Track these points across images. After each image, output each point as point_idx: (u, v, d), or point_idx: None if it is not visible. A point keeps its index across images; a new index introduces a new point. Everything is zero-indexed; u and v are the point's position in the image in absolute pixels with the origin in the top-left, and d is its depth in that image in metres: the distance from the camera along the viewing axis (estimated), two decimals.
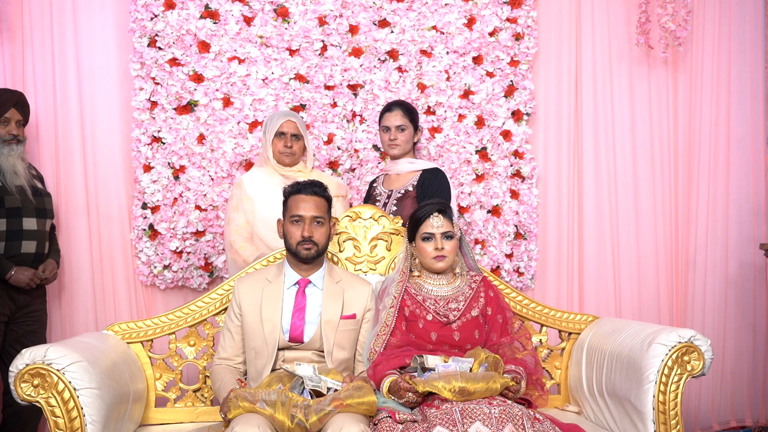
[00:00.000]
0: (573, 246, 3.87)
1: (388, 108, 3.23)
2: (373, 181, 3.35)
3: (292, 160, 3.17)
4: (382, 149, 3.52)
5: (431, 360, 2.36)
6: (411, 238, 2.66)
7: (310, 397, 2.25)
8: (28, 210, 3.11)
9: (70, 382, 2.18)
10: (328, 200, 2.63)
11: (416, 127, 3.24)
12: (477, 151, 3.73)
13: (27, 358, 2.20)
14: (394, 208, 3.14)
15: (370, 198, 3.29)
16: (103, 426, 2.22)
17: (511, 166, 3.76)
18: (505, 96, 3.76)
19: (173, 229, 3.53)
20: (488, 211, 3.74)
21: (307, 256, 2.56)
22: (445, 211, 2.62)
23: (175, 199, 3.55)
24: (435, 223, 2.59)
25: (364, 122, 3.65)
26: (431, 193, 3.07)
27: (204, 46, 3.55)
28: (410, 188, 3.16)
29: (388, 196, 3.19)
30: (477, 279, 2.69)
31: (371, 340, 2.55)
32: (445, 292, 2.63)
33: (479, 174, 3.72)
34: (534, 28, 3.80)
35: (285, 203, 2.62)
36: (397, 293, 2.60)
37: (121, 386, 2.40)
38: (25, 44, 3.53)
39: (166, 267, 3.55)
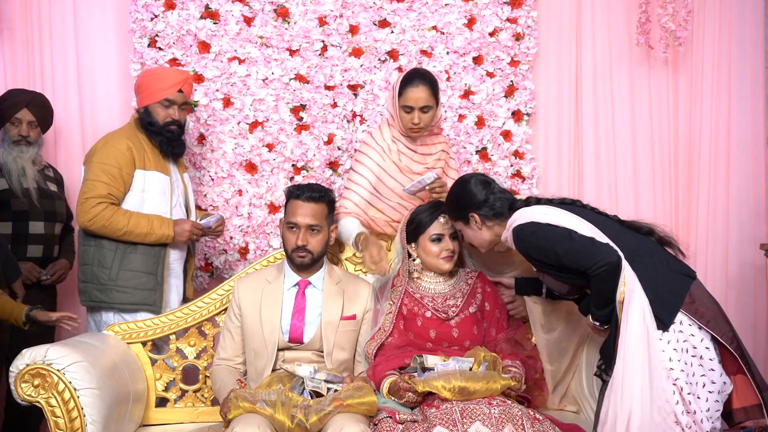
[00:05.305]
0: None
1: None
2: None
3: None
4: None
5: (431, 359, 2.36)
6: (412, 239, 2.66)
7: (310, 398, 2.25)
8: (36, 213, 3.07)
9: (70, 383, 2.19)
10: (329, 203, 2.61)
11: None
12: (477, 152, 3.73)
13: (27, 358, 2.20)
14: None
15: None
16: (104, 426, 2.23)
17: (512, 166, 3.75)
18: (506, 96, 3.76)
19: None
20: None
21: (300, 263, 2.56)
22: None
23: None
24: (444, 224, 2.60)
25: (365, 122, 3.64)
26: None
27: (204, 47, 3.54)
28: None
29: None
30: (473, 275, 2.70)
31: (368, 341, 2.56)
32: (443, 289, 2.64)
33: None
34: (534, 28, 3.79)
35: (285, 205, 2.61)
36: (395, 299, 2.60)
37: (121, 386, 2.40)
38: (25, 44, 3.53)
39: None
